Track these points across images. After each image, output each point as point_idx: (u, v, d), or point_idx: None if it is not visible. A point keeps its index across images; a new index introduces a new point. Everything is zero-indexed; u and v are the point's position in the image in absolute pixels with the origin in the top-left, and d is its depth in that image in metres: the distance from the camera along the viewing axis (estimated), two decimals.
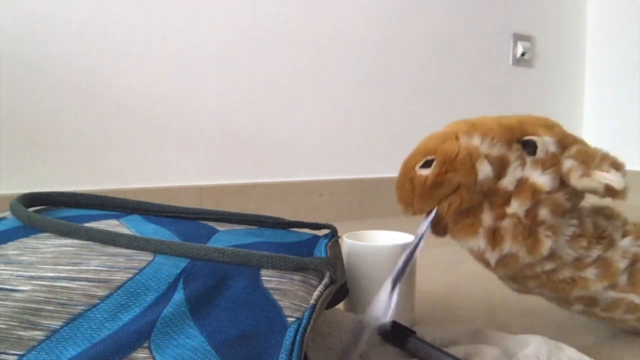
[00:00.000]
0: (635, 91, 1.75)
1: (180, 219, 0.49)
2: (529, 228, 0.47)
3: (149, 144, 1.20)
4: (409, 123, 1.54)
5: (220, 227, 0.48)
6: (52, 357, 0.30)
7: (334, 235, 0.53)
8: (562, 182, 0.48)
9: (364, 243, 0.58)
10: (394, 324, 0.51)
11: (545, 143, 0.48)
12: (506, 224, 0.47)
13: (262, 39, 1.31)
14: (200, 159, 1.26)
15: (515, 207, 0.47)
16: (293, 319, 0.33)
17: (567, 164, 0.47)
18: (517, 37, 1.72)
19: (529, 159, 0.47)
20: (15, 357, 0.30)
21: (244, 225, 0.51)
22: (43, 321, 0.31)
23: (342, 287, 0.55)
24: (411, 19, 1.52)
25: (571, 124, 1.89)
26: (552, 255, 0.48)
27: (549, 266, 0.49)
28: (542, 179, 0.47)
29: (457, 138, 0.48)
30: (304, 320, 0.33)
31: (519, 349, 0.48)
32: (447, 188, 0.46)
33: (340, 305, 0.62)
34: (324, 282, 0.37)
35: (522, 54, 1.73)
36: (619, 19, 1.80)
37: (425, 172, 0.47)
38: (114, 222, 0.43)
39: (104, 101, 1.15)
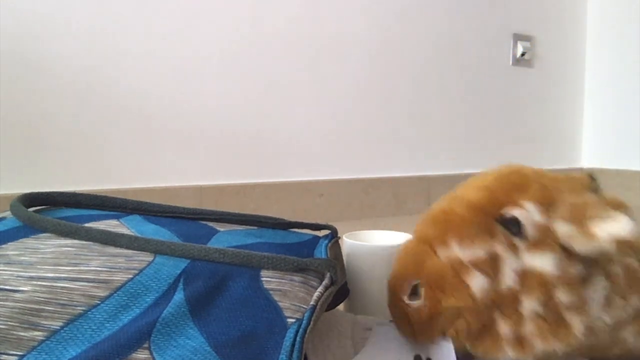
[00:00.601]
0: (635, 91, 1.75)
1: (180, 219, 0.49)
2: (554, 319, 0.41)
3: (149, 144, 1.20)
4: (409, 123, 1.54)
5: (221, 227, 0.48)
6: (52, 358, 0.30)
7: (334, 236, 0.53)
8: (566, 250, 0.41)
9: (364, 243, 0.58)
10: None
11: (528, 216, 0.41)
12: (528, 328, 0.41)
13: (262, 39, 1.31)
14: (200, 159, 1.26)
15: (529, 306, 0.41)
16: (293, 320, 0.33)
17: (563, 230, 0.40)
18: (517, 37, 1.72)
19: (519, 242, 0.41)
20: (16, 357, 0.30)
21: (244, 226, 0.51)
22: (43, 322, 0.31)
23: (343, 288, 0.55)
24: (411, 19, 1.52)
25: (571, 124, 1.89)
26: (590, 330, 0.42)
27: (590, 340, 0.43)
28: (545, 264, 0.40)
29: (434, 251, 0.43)
30: (304, 321, 0.33)
31: None
32: (447, 316, 0.42)
33: (341, 306, 0.62)
34: (324, 283, 0.37)
35: (522, 54, 1.73)
36: (619, 19, 1.80)
37: (417, 303, 0.42)
38: (114, 222, 0.43)
39: (104, 101, 1.15)
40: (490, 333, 0.42)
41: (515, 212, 0.42)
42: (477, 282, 0.41)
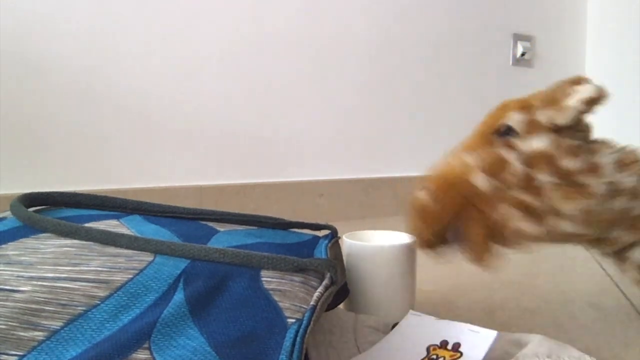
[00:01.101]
0: (635, 91, 1.75)
1: (180, 220, 0.49)
2: (568, 183, 0.49)
3: (149, 144, 1.20)
4: (409, 123, 1.54)
5: (221, 227, 0.48)
6: (52, 358, 0.30)
7: (334, 236, 0.53)
8: (555, 130, 0.51)
9: (364, 243, 0.58)
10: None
11: (514, 119, 0.52)
12: (554, 196, 0.49)
13: (262, 39, 1.31)
14: (200, 159, 1.26)
15: (542, 177, 0.49)
16: (293, 320, 0.33)
17: (544, 115, 0.51)
18: (517, 37, 1.72)
19: (516, 141, 0.51)
20: (16, 357, 0.30)
21: (244, 226, 0.51)
22: (43, 322, 0.31)
23: (343, 287, 0.55)
24: (411, 19, 1.52)
25: None
26: (612, 191, 0.50)
27: (618, 204, 0.51)
28: (540, 144, 0.50)
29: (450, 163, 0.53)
30: (304, 322, 0.33)
31: (518, 348, 0.48)
32: (448, 205, 0.50)
33: (341, 306, 0.62)
34: (324, 283, 0.37)
35: (522, 54, 1.73)
36: (619, 19, 1.80)
37: (423, 193, 0.52)
38: (114, 222, 0.43)
39: (104, 101, 1.15)
40: (525, 211, 0.50)
41: (504, 121, 0.53)
42: (479, 180, 0.51)
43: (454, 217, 0.51)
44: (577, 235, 0.53)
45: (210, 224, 0.49)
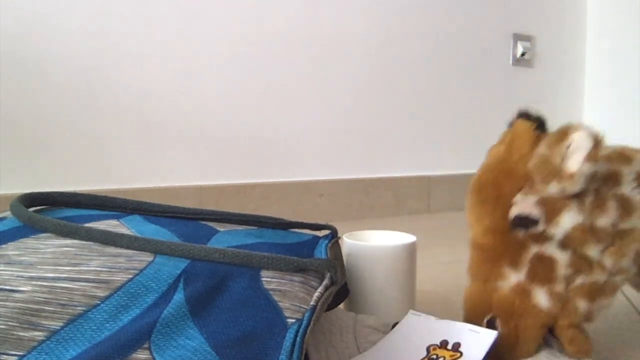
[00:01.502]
0: (635, 91, 1.75)
1: (180, 220, 0.49)
2: (615, 238, 0.45)
3: (149, 144, 1.20)
4: (409, 123, 1.54)
5: (221, 227, 0.48)
6: (52, 358, 0.30)
7: (334, 236, 0.53)
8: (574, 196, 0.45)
9: (364, 243, 0.58)
10: None
11: (526, 206, 0.45)
12: (607, 262, 0.45)
13: (262, 39, 1.31)
14: (200, 159, 1.25)
15: (593, 251, 0.45)
16: (293, 320, 0.33)
17: (553, 189, 0.44)
18: (517, 37, 1.72)
19: (541, 228, 0.45)
20: (16, 357, 0.30)
21: (244, 226, 0.51)
22: (43, 322, 0.31)
23: (343, 287, 0.55)
24: (411, 19, 1.52)
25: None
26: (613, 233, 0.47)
27: (624, 224, 0.47)
28: (570, 220, 0.44)
29: (495, 285, 0.47)
30: (304, 322, 0.33)
31: None
32: (527, 336, 0.46)
33: (341, 306, 0.62)
34: (324, 283, 0.37)
35: (522, 54, 1.73)
36: (619, 19, 1.80)
37: (496, 333, 0.46)
38: (114, 222, 0.43)
39: (104, 101, 1.15)
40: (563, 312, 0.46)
41: (516, 212, 0.45)
42: (540, 298, 0.45)
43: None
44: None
45: (210, 224, 0.49)
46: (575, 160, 0.42)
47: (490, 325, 0.47)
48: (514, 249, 0.46)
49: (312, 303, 0.35)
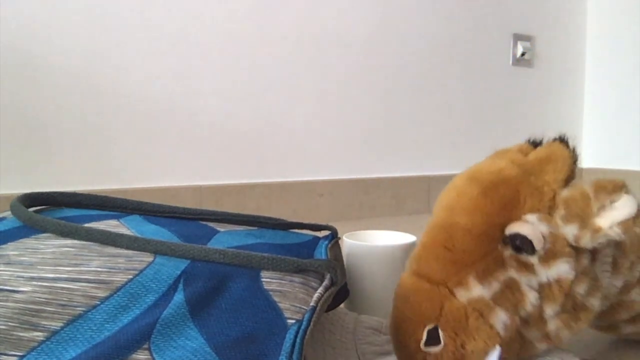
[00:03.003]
0: (635, 91, 1.75)
1: (180, 220, 0.49)
2: (574, 309, 0.41)
3: (149, 144, 1.20)
4: (409, 123, 1.54)
5: (221, 227, 0.48)
6: (52, 358, 0.30)
7: (334, 236, 0.53)
8: (575, 247, 0.40)
9: (364, 243, 0.58)
10: None
11: (536, 231, 0.39)
12: (552, 325, 0.41)
13: (262, 38, 1.31)
14: (200, 159, 1.25)
15: (551, 310, 0.40)
16: (293, 321, 0.33)
17: (570, 233, 0.39)
18: (517, 37, 1.72)
19: (531, 258, 0.40)
20: (16, 358, 0.30)
21: (244, 226, 0.51)
22: (43, 322, 0.31)
23: (343, 288, 0.55)
24: (411, 19, 1.52)
25: (571, 124, 1.89)
26: (602, 300, 0.44)
27: (601, 307, 0.45)
28: (562, 271, 0.39)
29: (450, 291, 0.40)
30: (304, 323, 0.33)
31: None
32: (473, 358, 0.40)
33: (341, 306, 0.62)
34: (324, 284, 0.37)
35: (522, 54, 1.73)
36: (619, 19, 1.80)
37: (436, 349, 0.40)
38: (114, 222, 0.43)
39: (104, 102, 1.15)
40: (520, 342, 0.41)
41: (522, 230, 0.39)
42: (499, 320, 0.40)
43: None
44: None
45: (211, 224, 0.49)
46: (611, 218, 0.38)
47: (432, 335, 0.40)
48: (490, 263, 0.40)
49: (312, 304, 0.35)
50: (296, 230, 0.55)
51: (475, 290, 0.39)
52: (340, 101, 1.42)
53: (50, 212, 0.45)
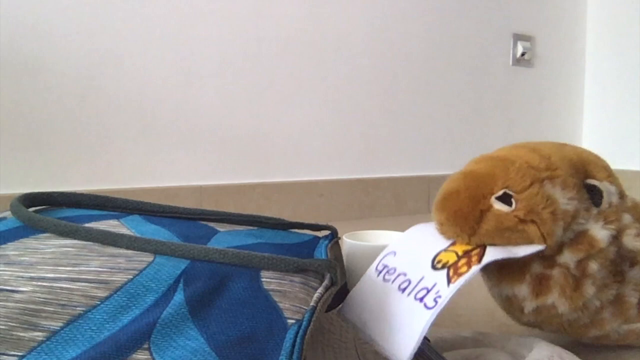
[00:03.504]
0: (635, 91, 1.75)
1: (180, 220, 0.49)
2: (577, 280, 0.44)
3: (149, 144, 1.20)
4: (409, 123, 1.54)
5: (221, 227, 0.48)
6: (52, 358, 0.30)
7: (334, 236, 0.53)
8: (616, 236, 0.46)
9: (364, 243, 0.58)
10: None
11: (610, 193, 0.46)
12: (555, 273, 0.44)
13: (262, 39, 1.31)
14: (200, 159, 1.25)
15: (567, 257, 0.44)
16: (293, 321, 0.33)
17: (626, 220, 0.46)
18: (517, 37, 1.72)
19: (594, 211, 0.45)
20: (16, 358, 0.30)
21: (244, 226, 0.51)
22: (43, 322, 0.31)
23: (343, 288, 0.55)
24: (411, 19, 1.52)
25: (571, 124, 1.89)
26: (583, 307, 0.46)
27: (573, 316, 0.47)
28: (601, 234, 0.44)
29: (541, 182, 0.44)
30: (304, 323, 0.33)
31: (526, 352, 0.48)
32: (521, 236, 0.43)
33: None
34: (324, 284, 0.37)
35: (522, 54, 1.73)
36: (619, 19, 1.80)
37: (505, 208, 0.43)
38: (114, 222, 0.43)
39: (104, 101, 1.15)
40: (523, 259, 0.44)
41: (602, 186, 0.46)
42: (558, 233, 0.43)
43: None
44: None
45: (211, 224, 0.49)
46: (605, 233, 0.44)
47: (505, 197, 0.43)
48: (575, 184, 0.46)
49: (312, 304, 0.35)
50: (296, 230, 0.55)
51: (557, 195, 0.44)
52: (340, 101, 1.42)
53: (50, 212, 0.45)
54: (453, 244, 0.44)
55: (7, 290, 0.32)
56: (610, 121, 1.84)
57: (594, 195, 0.46)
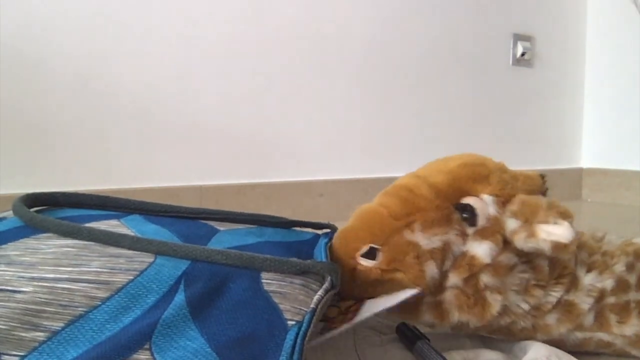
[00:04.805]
0: (635, 91, 1.75)
1: (181, 219, 0.49)
2: (474, 295, 0.45)
3: (149, 144, 1.20)
4: (408, 123, 1.54)
5: (221, 226, 0.48)
6: (53, 358, 0.30)
7: (333, 234, 0.53)
8: (506, 241, 0.45)
9: None
10: (406, 325, 0.50)
11: (484, 207, 0.45)
12: (447, 296, 0.45)
13: (262, 38, 1.31)
14: (200, 159, 1.26)
15: (454, 280, 0.45)
16: (293, 322, 0.33)
17: (511, 225, 0.44)
18: (517, 37, 1.72)
19: (470, 231, 0.45)
20: (17, 358, 0.30)
21: (244, 225, 0.51)
22: (44, 322, 0.31)
23: None
24: (411, 18, 1.52)
25: (571, 124, 1.89)
26: (506, 311, 0.46)
27: (505, 321, 0.47)
28: (481, 250, 0.44)
29: (399, 232, 0.45)
30: (304, 324, 0.33)
31: (523, 353, 0.48)
32: (391, 285, 0.45)
33: None
34: (324, 286, 0.37)
35: (522, 54, 1.73)
36: (619, 19, 1.80)
37: (369, 263, 0.45)
38: (114, 222, 0.43)
39: (105, 101, 1.15)
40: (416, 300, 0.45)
41: (473, 202, 0.46)
42: (430, 271, 0.44)
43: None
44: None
45: (211, 223, 0.49)
46: (548, 233, 0.42)
47: (371, 252, 0.45)
48: (439, 217, 0.45)
49: (312, 306, 0.35)
50: (297, 229, 0.55)
51: (417, 237, 0.45)
52: (340, 101, 1.42)
53: (52, 212, 0.45)
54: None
55: (9, 290, 0.32)
56: (610, 121, 1.84)
57: (467, 214, 0.45)
